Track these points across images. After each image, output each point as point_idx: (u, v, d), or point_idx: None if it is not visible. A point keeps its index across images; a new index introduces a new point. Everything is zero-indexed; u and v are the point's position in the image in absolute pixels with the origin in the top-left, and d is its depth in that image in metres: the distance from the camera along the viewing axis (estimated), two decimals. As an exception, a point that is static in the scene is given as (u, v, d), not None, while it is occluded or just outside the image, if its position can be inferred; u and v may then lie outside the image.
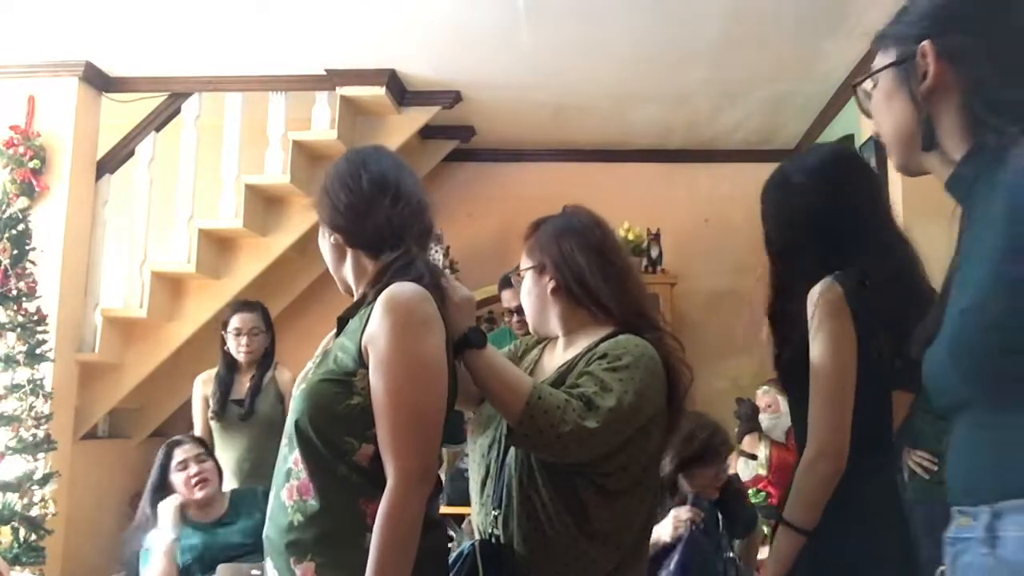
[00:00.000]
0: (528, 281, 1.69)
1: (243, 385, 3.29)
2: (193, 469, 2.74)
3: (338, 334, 1.48)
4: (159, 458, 2.81)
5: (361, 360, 1.37)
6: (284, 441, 1.43)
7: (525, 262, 1.71)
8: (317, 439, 1.36)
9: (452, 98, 4.22)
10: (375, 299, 1.40)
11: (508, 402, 1.43)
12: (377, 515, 1.29)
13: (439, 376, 1.38)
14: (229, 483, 3.06)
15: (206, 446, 2.94)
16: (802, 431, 1.64)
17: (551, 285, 1.65)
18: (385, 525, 1.28)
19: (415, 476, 1.31)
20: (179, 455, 2.77)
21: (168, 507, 2.67)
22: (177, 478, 2.74)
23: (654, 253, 4.56)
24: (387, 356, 1.34)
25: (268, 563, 1.42)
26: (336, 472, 1.35)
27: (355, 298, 1.51)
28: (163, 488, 2.75)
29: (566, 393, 1.45)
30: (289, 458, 1.40)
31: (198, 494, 2.73)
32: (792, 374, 1.66)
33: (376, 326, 1.36)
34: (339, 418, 1.36)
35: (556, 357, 1.67)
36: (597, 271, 1.63)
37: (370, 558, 1.27)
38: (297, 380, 1.50)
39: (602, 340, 1.59)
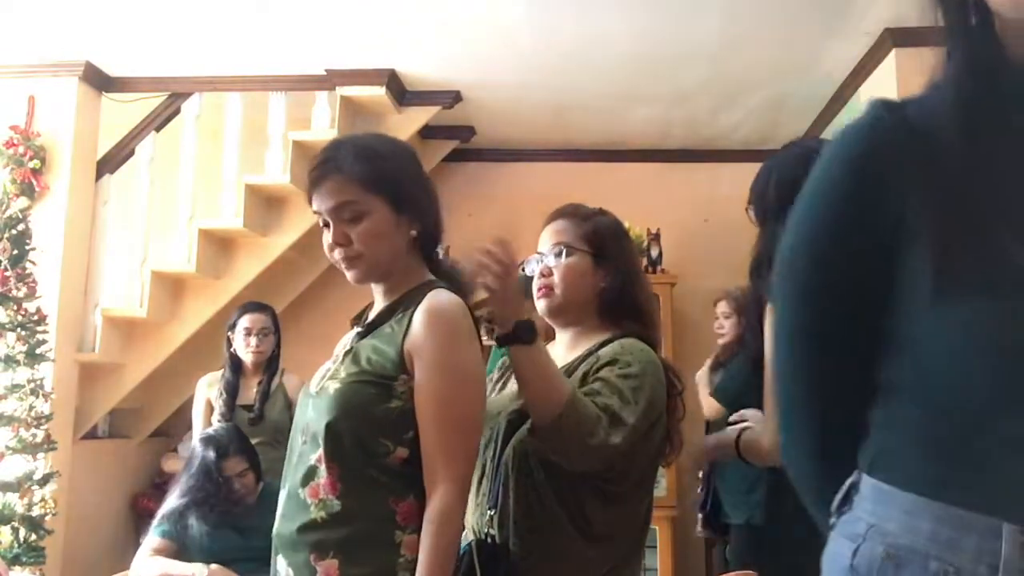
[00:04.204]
0: (581, 263, 1.65)
1: (250, 389, 3.28)
2: (235, 484, 2.65)
3: (363, 335, 1.48)
4: (203, 466, 2.64)
5: (403, 366, 1.38)
6: (303, 439, 1.43)
7: (580, 243, 1.66)
8: (350, 440, 1.36)
9: (452, 98, 4.22)
10: (414, 305, 1.42)
11: (545, 402, 1.42)
12: (429, 520, 1.32)
13: (482, 387, 1.45)
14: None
15: (250, 456, 2.76)
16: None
17: (605, 282, 1.64)
18: (440, 529, 1.31)
19: (464, 482, 1.36)
20: (224, 470, 2.64)
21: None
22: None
23: (654, 253, 4.56)
24: (438, 368, 1.36)
25: (280, 560, 1.42)
26: (365, 472, 1.36)
27: (386, 294, 1.50)
28: (214, 481, 2.62)
29: (594, 403, 1.45)
30: (312, 456, 1.39)
31: (233, 508, 2.64)
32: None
33: (423, 337, 1.38)
34: (376, 420, 1.37)
35: (554, 357, 1.67)
36: (643, 283, 1.69)
37: (423, 561, 1.30)
38: (315, 381, 1.49)
39: (603, 343, 1.60)
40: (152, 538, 2.61)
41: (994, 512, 0.76)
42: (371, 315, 1.52)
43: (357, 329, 1.52)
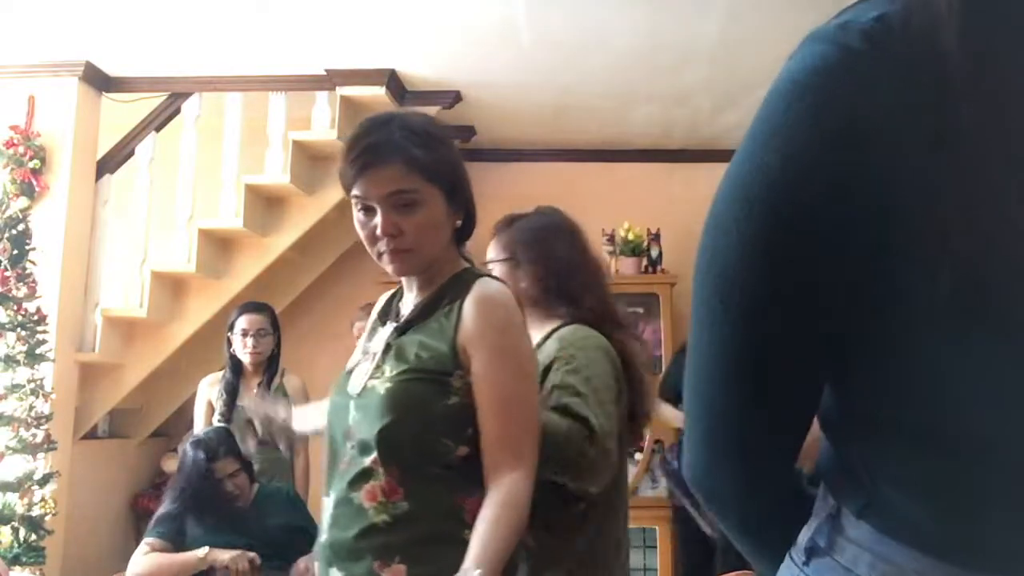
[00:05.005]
0: (502, 273, 1.72)
1: (250, 390, 3.27)
2: (228, 486, 2.65)
3: (403, 331, 1.40)
4: (195, 468, 2.63)
5: (457, 361, 1.33)
6: (350, 444, 1.35)
7: (498, 254, 1.75)
8: (408, 442, 1.30)
9: (452, 98, 4.22)
10: (460, 297, 1.37)
11: None
12: (496, 505, 1.26)
13: (538, 375, 1.43)
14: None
15: (240, 457, 2.76)
16: None
17: (526, 281, 1.70)
18: (514, 513, 1.25)
19: (533, 471, 1.31)
20: (216, 472, 2.64)
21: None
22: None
23: (654, 253, 4.56)
24: (498, 357, 1.32)
25: (334, 573, 1.34)
26: (427, 472, 1.31)
27: (422, 285, 1.44)
28: (205, 485, 2.62)
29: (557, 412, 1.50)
30: (364, 460, 1.32)
31: (228, 509, 2.64)
32: None
33: (479, 328, 1.33)
34: (437, 419, 1.31)
35: None
36: (577, 270, 1.70)
37: (483, 546, 1.22)
38: (354, 381, 1.40)
39: (545, 339, 1.65)
40: (148, 539, 2.62)
41: None
42: (405, 308, 1.45)
43: (392, 324, 1.43)
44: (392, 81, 4.04)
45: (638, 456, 4.42)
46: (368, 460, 1.31)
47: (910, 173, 0.59)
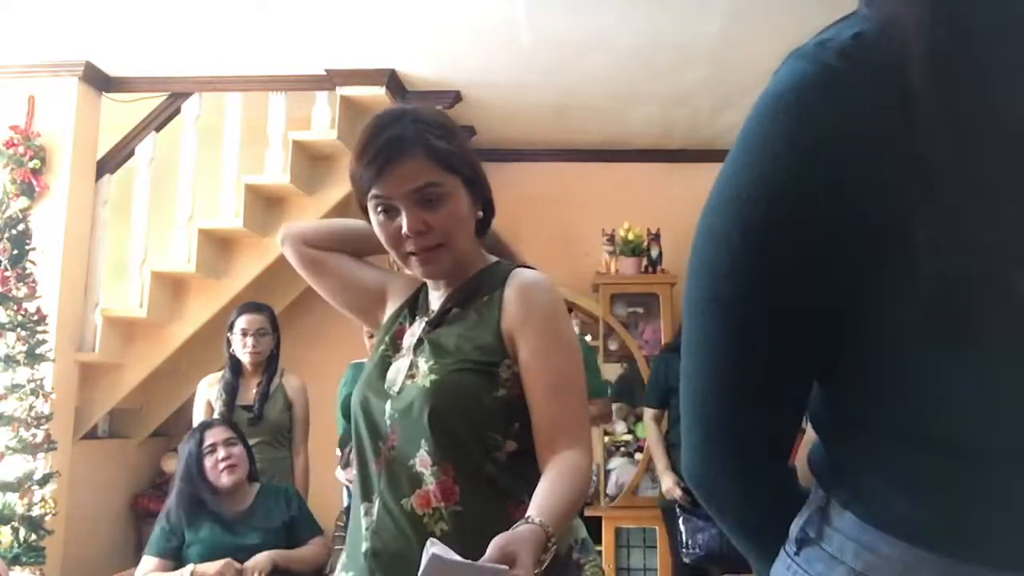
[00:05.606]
0: None
1: (249, 390, 3.28)
2: (221, 453, 2.68)
3: (435, 325, 1.36)
4: (191, 441, 2.72)
5: (503, 350, 1.28)
6: (387, 445, 1.29)
7: None
8: (463, 433, 1.25)
9: (452, 98, 4.22)
10: (497, 287, 1.34)
11: None
12: (572, 470, 1.21)
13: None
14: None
15: (237, 430, 2.85)
16: None
17: None
18: (577, 480, 1.20)
19: (590, 451, 1.28)
20: (208, 438, 2.71)
21: None
22: (206, 462, 2.68)
23: (654, 253, 4.56)
24: (549, 341, 1.29)
25: None
26: (483, 471, 1.26)
27: (449, 281, 1.38)
28: (195, 474, 2.65)
29: None
30: (411, 462, 1.26)
31: (224, 480, 2.66)
32: None
33: (527, 314, 1.29)
34: (486, 411, 1.26)
35: None
36: None
37: (556, 496, 1.16)
38: (391, 378, 1.34)
39: None
40: (145, 560, 2.64)
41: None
42: (433, 303, 1.40)
43: (424, 319, 1.37)
44: (392, 81, 4.04)
45: (638, 456, 4.43)
46: (416, 462, 1.26)
47: (883, 184, 0.62)
